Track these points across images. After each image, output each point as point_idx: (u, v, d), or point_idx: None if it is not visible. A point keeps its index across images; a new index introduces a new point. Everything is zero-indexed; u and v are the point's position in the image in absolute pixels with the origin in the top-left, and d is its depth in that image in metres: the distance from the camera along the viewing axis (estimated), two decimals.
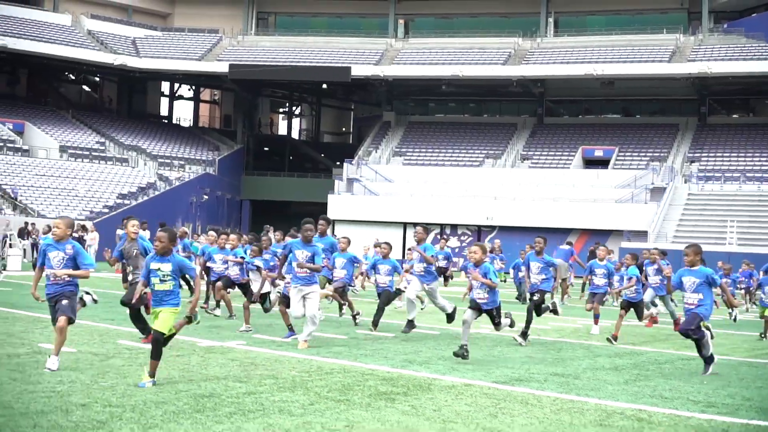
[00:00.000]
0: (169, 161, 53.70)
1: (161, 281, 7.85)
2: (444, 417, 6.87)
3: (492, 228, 46.10)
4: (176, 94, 68.02)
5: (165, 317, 7.80)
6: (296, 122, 77.45)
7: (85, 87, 65.66)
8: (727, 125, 53.12)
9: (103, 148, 52.53)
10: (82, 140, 52.53)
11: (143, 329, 10.47)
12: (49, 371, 8.06)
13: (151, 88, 65.77)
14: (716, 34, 52.31)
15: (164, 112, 67.88)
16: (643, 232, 41.65)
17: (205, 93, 69.71)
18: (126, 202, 45.88)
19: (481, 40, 55.70)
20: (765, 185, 44.89)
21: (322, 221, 13.32)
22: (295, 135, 75.12)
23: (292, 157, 68.01)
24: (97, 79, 64.53)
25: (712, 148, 50.06)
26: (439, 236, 40.93)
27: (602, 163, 50.30)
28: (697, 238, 36.77)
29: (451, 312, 13.17)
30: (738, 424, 7.10)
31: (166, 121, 66.07)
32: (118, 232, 23.85)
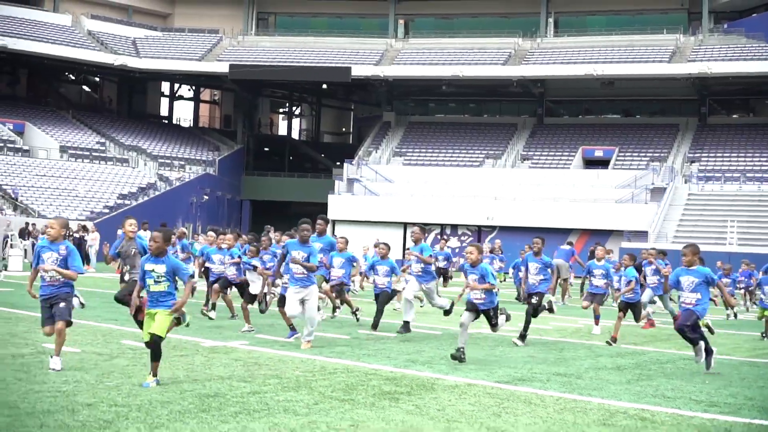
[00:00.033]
0: (169, 161, 53.72)
1: (156, 282, 7.85)
2: (448, 416, 6.90)
3: (492, 228, 46.12)
4: (176, 95, 68.03)
5: (162, 320, 7.78)
6: (296, 122, 77.46)
7: (85, 87, 65.68)
8: (728, 125, 53.13)
9: (104, 148, 52.55)
10: (82, 140, 52.55)
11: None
12: (53, 371, 8.09)
13: (151, 89, 65.79)
14: (716, 35, 52.32)
15: (164, 112, 67.88)
16: (643, 233, 41.66)
17: (205, 93, 69.71)
18: (126, 202, 45.89)
19: (481, 40, 55.73)
20: (765, 185, 44.91)
21: (320, 221, 13.35)
22: (295, 135, 75.12)
23: (292, 158, 68.03)
24: (97, 80, 64.54)
25: (712, 149, 50.08)
26: (439, 237, 41.02)
27: (602, 164, 50.31)
28: (698, 239, 36.79)
29: (449, 308, 13.26)
30: (740, 424, 7.13)
31: (167, 121, 66.08)
32: (119, 232, 23.82)
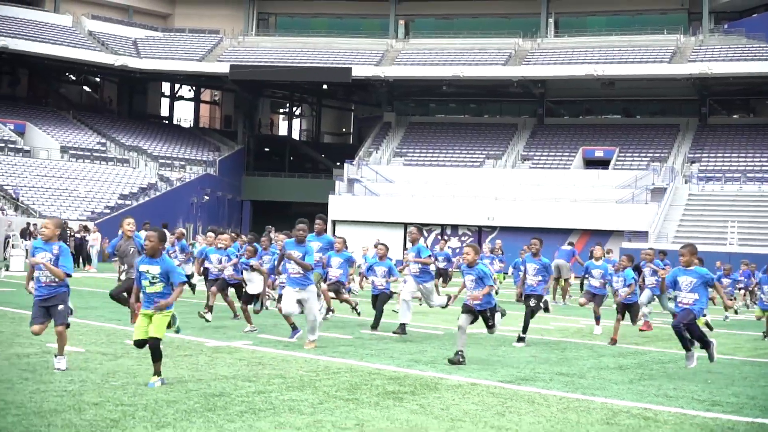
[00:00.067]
0: (169, 162, 53.76)
1: (151, 284, 7.84)
2: (452, 416, 6.93)
3: (493, 228, 46.17)
4: (177, 95, 68.10)
5: (159, 322, 7.76)
6: (297, 123, 77.52)
7: (85, 87, 65.74)
8: (728, 126, 53.20)
9: (104, 148, 52.60)
10: (83, 141, 52.60)
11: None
12: (59, 371, 8.13)
13: (151, 89, 65.87)
14: (717, 35, 52.39)
15: (165, 112, 67.94)
16: (643, 233, 41.72)
17: (206, 93, 69.77)
18: (127, 202, 45.94)
19: (482, 40, 55.79)
20: (765, 185, 44.96)
21: (319, 221, 13.36)
22: (295, 135, 75.19)
23: (292, 158, 68.11)
24: (98, 80, 64.61)
25: (712, 149, 50.13)
26: (439, 237, 41.08)
27: (603, 164, 50.37)
28: (698, 239, 36.86)
29: (446, 303, 13.32)
30: (743, 423, 7.17)
31: (167, 121, 66.14)
32: (120, 232, 23.87)
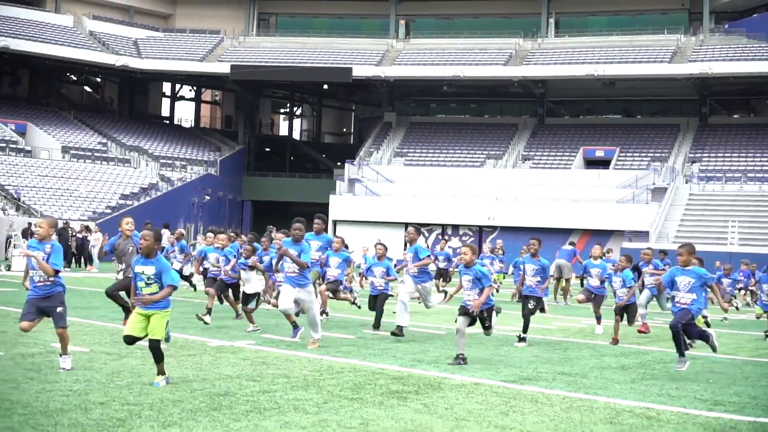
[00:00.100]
0: (170, 162, 53.80)
1: (147, 285, 7.83)
2: (456, 415, 6.97)
3: (493, 228, 46.20)
4: (177, 95, 68.13)
5: (157, 323, 7.75)
6: (297, 123, 77.54)
7: (86, 88, 65.74)
8: (728, 125, 53.23)
9: (105, 148, 52.63)
10: (84, 141, 52.64)
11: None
12: (64, 371, 8.16)
13: (152, 89, 65.90)
14: (717, 35, 52.42)
15: (165, 112, 67.97)
16: (644, 233, 41.75)
17: (207, 94, 69.79)
18: (128, 202, 45.97)
19: (482, 40, 55.82)
20: (766, 185, 44.99)
21: (318, 220, 13.37)
22: (296, 135, 75.20)
23: (293, 158, 68.14)
24: (99, 80, 64.64)
25: (713, 149, 50.16)
26: (440, 237, 41.11)
27: (603, 164, 50.41)
28: (699, 239, 36.91)
29: (444, 299, 13.37)
30: (745, 422, 7.20)
31: (168, 121, 66.18)
32: (119, 231, 23.93)
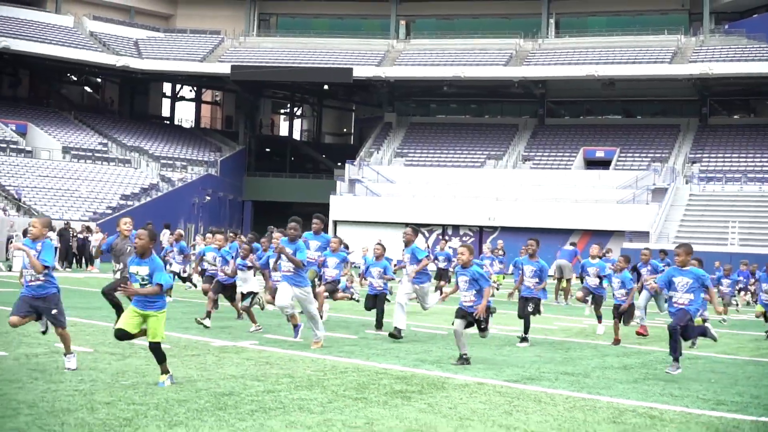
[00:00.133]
0: (171, 162, 53.83)
1: (141, 285, 7.81)
2: (460, 414, 7.00)
3: (494, 229, 46.24)
4: (178, 95, 68.15)
5: (155, 326, 7.73)
6: (297, 123, 77.57)
7: (87, 88, 65.77)
8: (729, 126, 53.27)
9: (106, 149, 52.66)
10: (84, 141, 52.66)
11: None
12: (69, 371, 8.19)
13: (153, 89, 65.93)
14: (717, 35, 52.46)
15: (166, 113, 67.99)
16: (644, 233, 41.78)
17: (207, 94, 69.82)
18: (129, 203, 45.99)
19: (483, 41, 55.85)
20: (766, 186, 45.03)
21: (317, 220, 13.36)
22: (296, 136, 75.24)
23: (293, 158, 68.16)
24: (99, 81, 64.66)
25: (713, 149, 50.19)
26: (440, 237, 41.12)
27: (604, 164, 50.44)
28: (699, 239, 36.96)
29: (439, 300, 13.41)
30: (747, 421, 7.23)
31: (168, 122, 66.21)
32: (117, 231, 24.01)
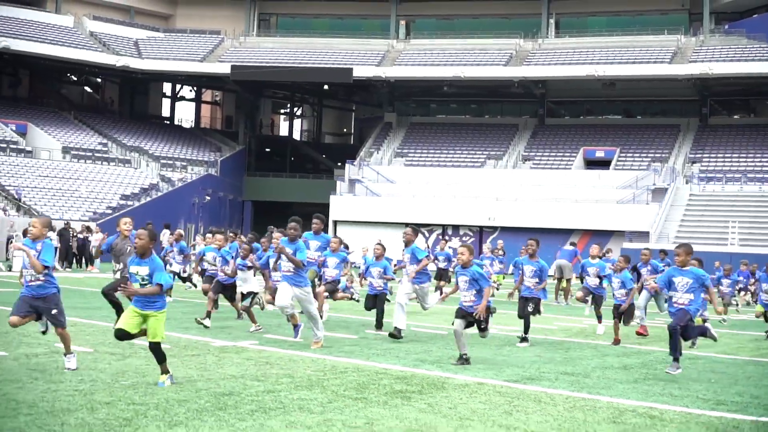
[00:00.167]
0: (171, 162, 53.83)
1: (141, 285, 7.81)
2: (460, 414, 7.00)
3: (494, 229, 46.24)
4: (178, 95, 68.15)
5: (155, 326, 7.72)
6: (298, 123, 77.58)
7: (86, 88, 65.77)
8: (729, 126, 53.27)
9: (106, 149, 52.66)
10: (84, 141, 52.66)
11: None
12: (69, 371, 8.18)
13: (153, 89, 65.94)
14: (717, 35, 52.46)
15: (166, 113, 68.00)
16: (644, 233, 41.78)
17: (207, 94, 69.83)
18: (129, 203, 45.99)
19: (483, 41, 55.85)
20: (766, 186, 45.02)
21: (317, 220, 13.35)
22: (296, 136, 75.24)
23: (293, 158, 68.16)
24: (99, 81, 64.66)
25: (713, 149, 50.20)
26: (440, 237, 41.12)
27: (604, 164, 50.45)
28: (699, 239, 36.96)
29: (439, 300, 13.41)
30: (748, 421, 7.23)
31: (168, 122, 66.21)
32: (117, 230, 24.01)
